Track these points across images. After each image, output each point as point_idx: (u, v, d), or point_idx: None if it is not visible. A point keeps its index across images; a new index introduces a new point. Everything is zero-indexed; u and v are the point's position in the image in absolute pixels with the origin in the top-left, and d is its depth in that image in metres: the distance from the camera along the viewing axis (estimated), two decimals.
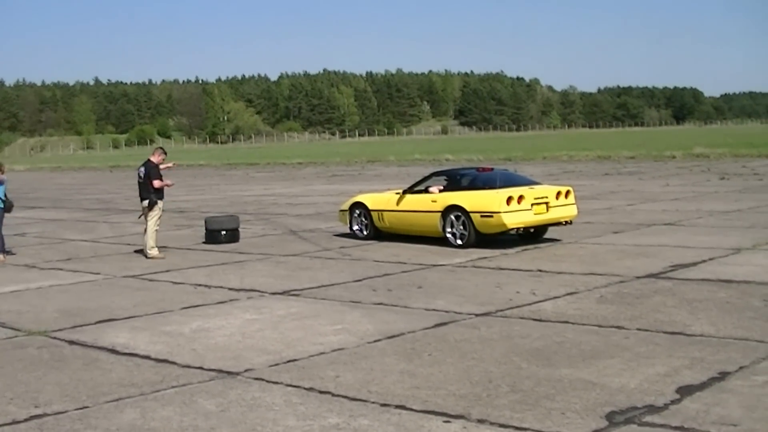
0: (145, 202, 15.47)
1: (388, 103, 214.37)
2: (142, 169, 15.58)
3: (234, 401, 6.56)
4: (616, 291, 10.48)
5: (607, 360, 7.31)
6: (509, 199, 14.40)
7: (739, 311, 9.06)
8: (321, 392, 6.70)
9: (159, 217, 15.56)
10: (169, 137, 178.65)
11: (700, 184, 27.48)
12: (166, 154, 16.15)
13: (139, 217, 17.03)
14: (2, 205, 15.76)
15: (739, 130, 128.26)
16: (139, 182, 15.71)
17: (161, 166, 15.82)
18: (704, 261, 12.44)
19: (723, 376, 6.72)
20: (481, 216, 14.56)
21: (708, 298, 9.78)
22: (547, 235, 15.71)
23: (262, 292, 11.40)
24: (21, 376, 7.55)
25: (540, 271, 12.24)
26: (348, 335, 8.65)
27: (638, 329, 8.42)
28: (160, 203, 15.56)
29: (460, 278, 11.92)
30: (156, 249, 15.39)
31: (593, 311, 9.35)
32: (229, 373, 7.39)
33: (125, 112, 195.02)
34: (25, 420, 6.30)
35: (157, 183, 15.43)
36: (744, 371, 6.84)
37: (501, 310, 9.59)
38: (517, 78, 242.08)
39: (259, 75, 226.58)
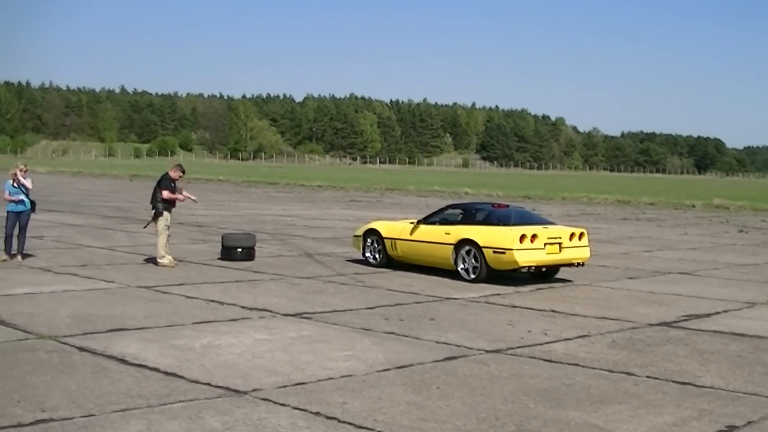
0: (153, 211, 16.11)
1: (411, 132, 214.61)
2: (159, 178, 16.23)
3: (240, 420, 6.57)
4: (629, 337, 10.44)
5: (616, 405, 7.28)
6: (522, 237, 14.39)
7: (750, 365, 9.02)
8: (327, 417, 6.70)
9: (167, 227, 15.91)
10: (190, 150, 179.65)
11: (719, 236, 27.38)
12: (184, 172, 16.74)
13: (145, 227, 17.37)
14: (28, 207, 16.02)
15: (760, 184, 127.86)
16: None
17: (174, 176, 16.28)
18: (718, 313, 12.39)
19: (731, 429, 6.69)
20: (494, 252, 14.55)
21: (720, 351, 9.74)
22: (558, 276, 15.69)
23: (275, 312, 11.43)
24: (29, 379, 7.58)
25: (553, 311, 12.21)
26: (357, 362, 8.65)
27: (648, 377, 8.39)
28: (166, 214, 15.95)
29: (472, 313, 11.91)
30: (167, 258, 15.69)
31: (604, 356, 9.32)
32: (236, 391, 7.40)
33: (149, 122, 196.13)
34: (31, 424, 6.32)
35: (165, 194, 15.97)
36: (752, 426, 6.81)
37: (512, 348, 9.57)
38: (542, 116, 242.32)
39: (284, 95, 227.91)
